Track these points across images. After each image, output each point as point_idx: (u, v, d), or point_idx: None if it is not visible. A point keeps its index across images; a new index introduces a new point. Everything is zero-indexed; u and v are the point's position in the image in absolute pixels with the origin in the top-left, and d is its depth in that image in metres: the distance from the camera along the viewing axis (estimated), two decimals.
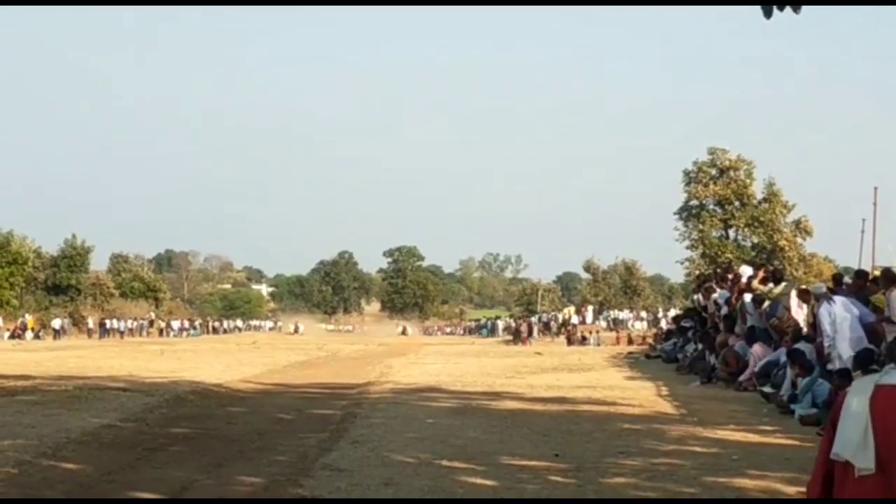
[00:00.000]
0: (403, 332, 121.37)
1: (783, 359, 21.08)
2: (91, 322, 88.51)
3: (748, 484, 11.20)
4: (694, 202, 76.74)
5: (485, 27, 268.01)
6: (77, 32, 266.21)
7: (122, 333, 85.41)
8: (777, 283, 25.29)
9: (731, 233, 76.53)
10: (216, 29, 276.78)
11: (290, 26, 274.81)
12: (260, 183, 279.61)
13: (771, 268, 29.33)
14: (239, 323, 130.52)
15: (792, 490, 10.85)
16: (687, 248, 76.62)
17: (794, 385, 19.05)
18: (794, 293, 23.59)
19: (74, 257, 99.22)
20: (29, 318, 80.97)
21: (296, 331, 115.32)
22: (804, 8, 7.34)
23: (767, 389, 20.81)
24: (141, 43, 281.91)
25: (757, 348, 23.63)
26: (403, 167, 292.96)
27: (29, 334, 76.54)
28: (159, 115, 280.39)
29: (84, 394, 21.88)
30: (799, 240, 74.93)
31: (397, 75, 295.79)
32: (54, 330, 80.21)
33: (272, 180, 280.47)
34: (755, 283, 26.23)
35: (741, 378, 23.52)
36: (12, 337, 74.35)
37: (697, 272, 61.93)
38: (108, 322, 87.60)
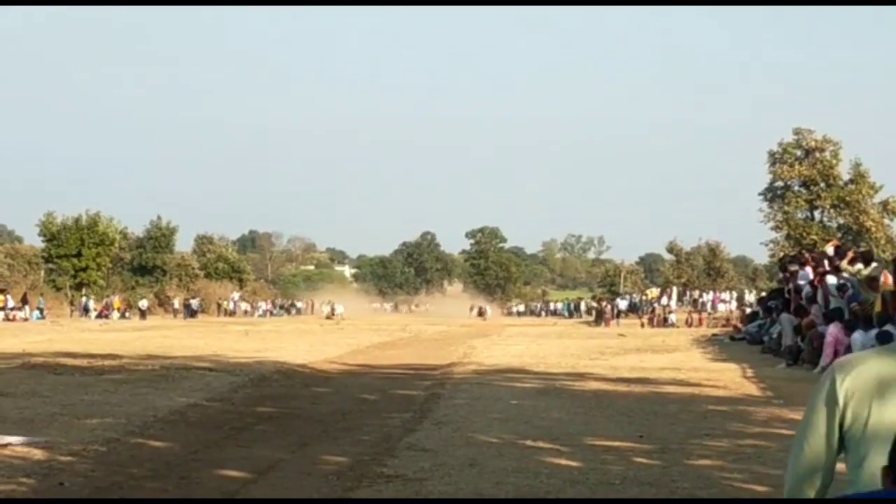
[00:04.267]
0: (480, 314, 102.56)
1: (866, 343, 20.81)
2: (176, 302, 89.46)
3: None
4: (779, 183, 75.96)
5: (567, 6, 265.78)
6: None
7: (195, 312, 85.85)
8: (867, 264, 24.97)
9: (817, 214, 75.68)
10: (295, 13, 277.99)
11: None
12: (343, 164, 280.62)
13: (860, 249, 28.93)
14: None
15: None
16: (771, 229, 75.97)
17: None
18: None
19: (160, 238, 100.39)
20: (115, 299, 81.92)
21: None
22: None
23: None
24: (216, 24, 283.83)
25: (833, 329, 23.35)
26: (486, 148, 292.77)
27: (115, 314, 77.48)
28: (242, 98, 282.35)
29: (170, 373, 22.13)
30: (886, 221, 73.88)
31: (477, 58, 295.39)
32: (140, 310, 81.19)
33: (355, 161, 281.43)
34: (844, 264, 25.91)
35: (821, 363, 23.27)
36: (99, 317, 75.32)
37: (782, 254, 61.28)
38: (192, 302, 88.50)
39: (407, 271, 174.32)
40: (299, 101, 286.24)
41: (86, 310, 78.63)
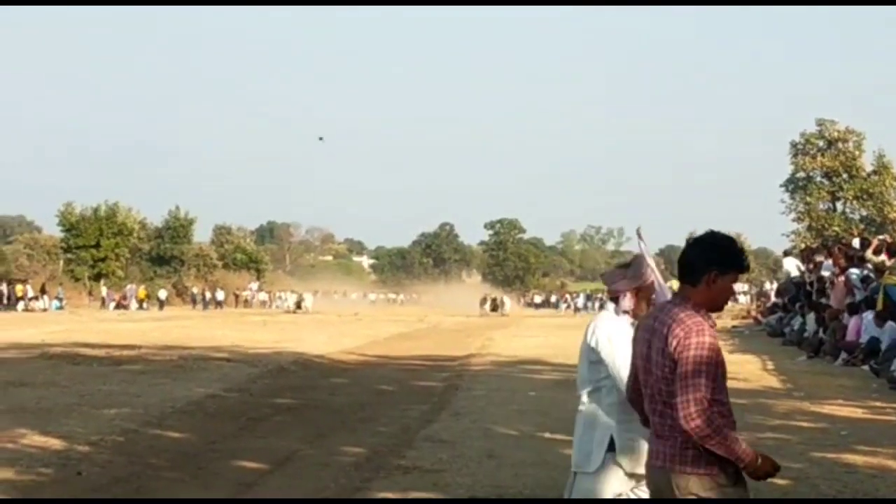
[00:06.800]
0: (494, 309, 76.67)
1: (891, 336, 20.76)
2: (207, 294, 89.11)
3: (857, 459, 10.98)
4: (801, 174, 75.46)
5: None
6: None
7: (220, 303, 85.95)
8: (893, 255, 24.78)
9: (839, 205, 75.20)
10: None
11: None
12: (361, 155, 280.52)
13: (888, 239, 28.68)
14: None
15: None
16: (793, 220, 75.49)
17: None
18: None
19: (178, 228, 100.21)
20: (139, 289, 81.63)
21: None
22: None
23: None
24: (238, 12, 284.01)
25: (856, 321, 23.25)
26: (504, 138, 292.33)
27: (133, 304, 77.42)
28: (262, 87, 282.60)
29: (188, 364, 22.13)
30: None
31: (493, 50, 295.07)
32: (159, 300, 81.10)
33: (374, 152, 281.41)
34: (868, 254, 25.74)
35: (842, 355, 23.16)
36: (117, 307, 75.33)
37: (803, 245, 61.04)
38: (214, 293, 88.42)
39: (425, 262, 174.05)
40: (317, 93, 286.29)
41: (111, 300, 78.50)
